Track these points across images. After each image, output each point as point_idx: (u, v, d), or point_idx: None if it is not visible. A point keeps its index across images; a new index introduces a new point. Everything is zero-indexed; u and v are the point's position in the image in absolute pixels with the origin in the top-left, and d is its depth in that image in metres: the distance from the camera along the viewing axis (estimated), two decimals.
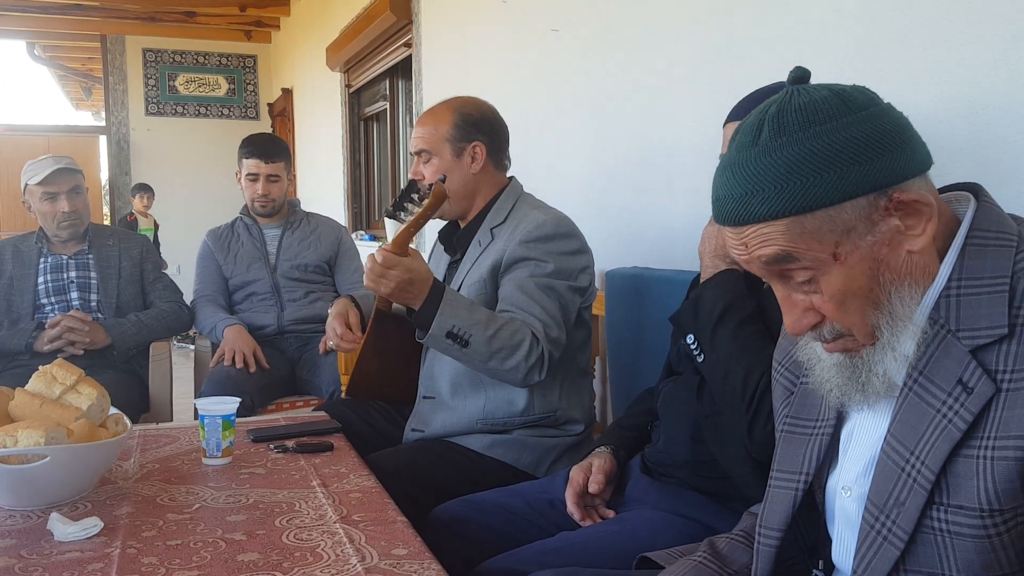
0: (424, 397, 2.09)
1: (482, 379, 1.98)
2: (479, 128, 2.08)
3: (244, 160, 3.29)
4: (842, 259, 0.91)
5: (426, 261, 2.32)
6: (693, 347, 1.48)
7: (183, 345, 6.75)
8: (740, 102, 1.53)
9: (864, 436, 1.00)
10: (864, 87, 0.94)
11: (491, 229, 2.06)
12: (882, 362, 0.93)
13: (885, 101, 0.93)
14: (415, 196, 1.92)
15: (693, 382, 1.57)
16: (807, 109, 0.91)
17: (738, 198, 0.92)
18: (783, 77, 1.22)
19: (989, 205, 0.96)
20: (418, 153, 2.09)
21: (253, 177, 3.28)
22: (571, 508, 1.64)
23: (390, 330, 2.11)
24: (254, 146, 3.31)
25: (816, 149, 0.89)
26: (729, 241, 0.97)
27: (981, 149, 1.48)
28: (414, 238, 2.00)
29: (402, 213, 1.94)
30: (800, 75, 0.96)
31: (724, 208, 0.95)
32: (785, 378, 1.13)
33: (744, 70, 2.07)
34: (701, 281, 1.53)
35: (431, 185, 1.91)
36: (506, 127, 2.16)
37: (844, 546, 1.03)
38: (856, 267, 0.91)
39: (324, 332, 2.26)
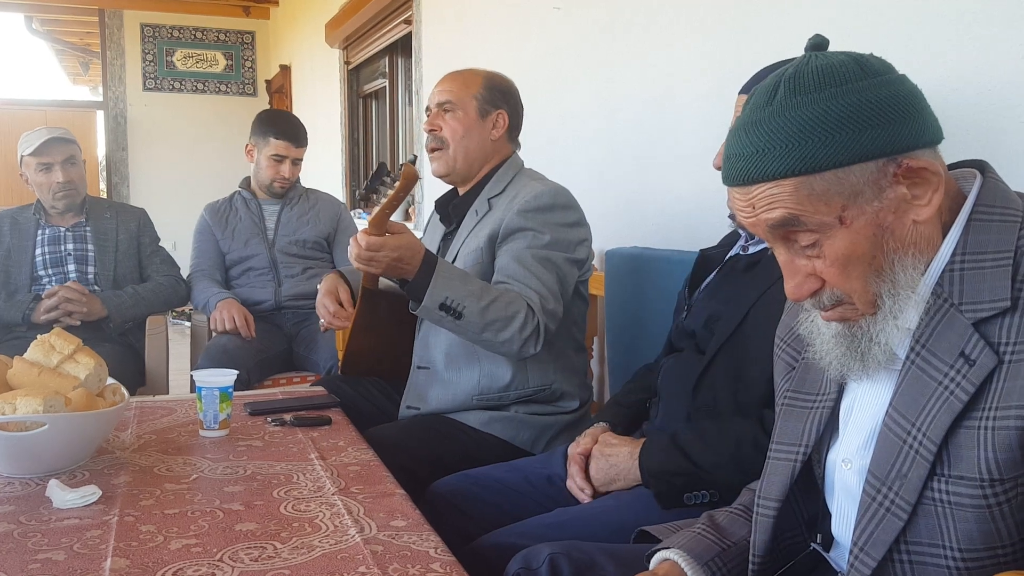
0: (418, 367, 2.09)
1: (476, 350, 1.97)
2: (506, 99, 2.11)
3: (272, 140, 3.26)
4: (848, 223, 0.91)
5: (422, 234, 2.32)
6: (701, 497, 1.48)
7: (178, 322, 6.74)
8: (756, 74, 1.52)
9: (865, 409, 1.00)
10: (881, 57, 0.94)
11: (489, 199, 2.06)
12: (883, 331, 0.94)
13: (900, 72, 0.93)
14: (386, 179, 1.93)
15: (693, 362, 1.57)
16: (824, 71, 0.91)
17: (749, 156, 0.92)
18: (789, 56, 1.22)
19: (995, 181, 0.96)
20: (440, 105, 2.08)
21: (279, 159, 3.28)
22: (580, 482, 1.62)
23: (379, 306, 2.11)
24: (286, 127, 3.31)
25: (830, 110, 0.88)
26: (736, 203, 0.97)
27: (988, 128, 1.48)
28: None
29: (374, 196, 1.94)
30: (818, 42, 0.96)
31: (734, 167, 0.95)
32: (787, 354, 1.13)
33: (750, 49, 2.06)
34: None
35: (401, 167, 1.90)
36: (523, 109, 2.18)
37: (844, 519, 1.04)
38: (861, 232, 0.91)
39: None
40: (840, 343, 0.98)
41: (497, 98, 2.09)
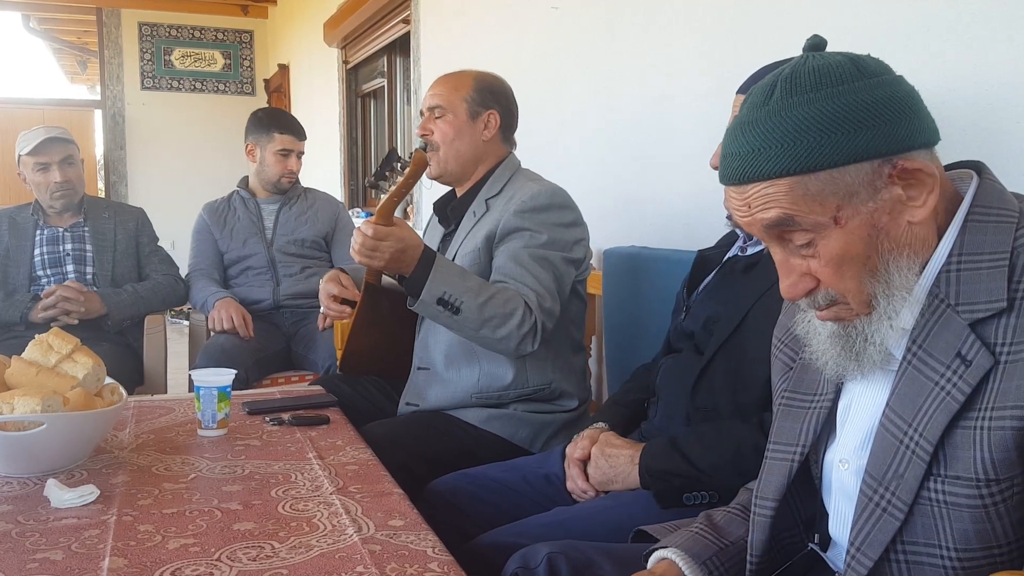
0: (418, 368, 2.09)
1: (476, 351, 1.98)
2: (497, 99, 2.10)
3: (277, 135, 3.30)
4: (842, 223, 0.91)
5: (421, 233, 2.32)
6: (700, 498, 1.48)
7: (177, 321, 6.74)
8: (754, 74, 1.52)
9: (862, 409, 1.01)
10: (878, 58, 0.94)
11: (486, 200, 2.06)
12: (878, 332, 0.94)
13: (899, 72, 0.93)
14: (396, 165, 1.93)
15: (692, 362, 1.58)
16: (820, 71, 0.91)
17: (745, 155, 0.93)
18: (787, 56, 1.22)
19: (991, 182, 0.96)
20: (431, 109, 2.09)
21: (285, 153, 3.31)
22: (583, 484, 1.63)
23: (381, 303, 2.11)
24: (287, 122, 3.37)
25: (826, 110, 0.89)
26: (732, 202, 0.97)
27: (985, 129, 1.48)
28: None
29: (384, 183, 1.94)
30: (816, 43, 0.97)
31: (730, 166, 0.95)
32: (784, 354, 1.13)
33: (748, 49, 2.06)
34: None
35: (411, 154, 1.91)
36: (518, 108, 2.17)
37: (841, 519, 1.04)
38: (855, 232, 0.91)
39: (320, 307, 2.25)
40: (836, 343, 0.98)
41: (487, 98, 2.09)
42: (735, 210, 0.97)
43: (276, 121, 3.35)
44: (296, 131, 3.36)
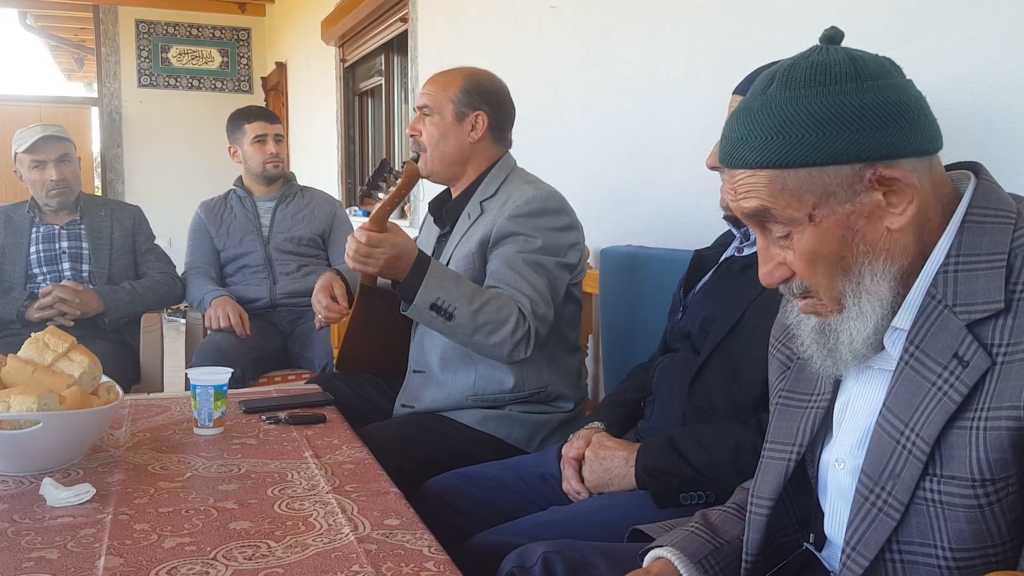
0: (414, 371, 2.09)
1: (471, 354, 1.97)
2: (486, 99, 2.08)
3: (247, 125, 3.31)
4: (817, 222, 0.93)
5: (418, 233, 2.32)
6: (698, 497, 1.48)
7: (173, 319, 6.73)
8: (750, 75, 1.52)
9: (859, 409, 1.01)
10: (888, 59, 0.94)
11: (481, 202, 2.05)
12: (846, 331, 0.96)
13: (906, 77, 0.94)
14: (388, 176, 1.95)
15: (689, 361, 1.58)
16: (816, 68, 0.92)
17: (735, 141, 0.96)
18: (784, 56, 1.22)
19: (989, 183, 0.96)
20: (420, 108, 2.09)
21: (261, 139, 3.32)
22: (576, 485, 1.63)
23: (377, 304, 2.11)
24: (253, 111, 3.39)
25: (812, 109, 0.90)
26: (726, 184, 1.00)
27: (982, 130, 1.48)
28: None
29: (377, 192, 1.96)
30: (832, 35, 0.96)
31: (724, 148, 0.98)
32: (782, 353, 1.14)
33: (744, 51, 2.06)
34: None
35: (403, 164, 1.91)
36: (513, 107, 2.15)
37: (837, 518, 1.04)
38: (829, 232, 0.93)
39: None
40: (815, 338, 1.00)
41: (475, 100, 2.06)
42: (726, 192, 1.00)
43: (243, 114, 3.38)
44: (265, 116, 3.37)
